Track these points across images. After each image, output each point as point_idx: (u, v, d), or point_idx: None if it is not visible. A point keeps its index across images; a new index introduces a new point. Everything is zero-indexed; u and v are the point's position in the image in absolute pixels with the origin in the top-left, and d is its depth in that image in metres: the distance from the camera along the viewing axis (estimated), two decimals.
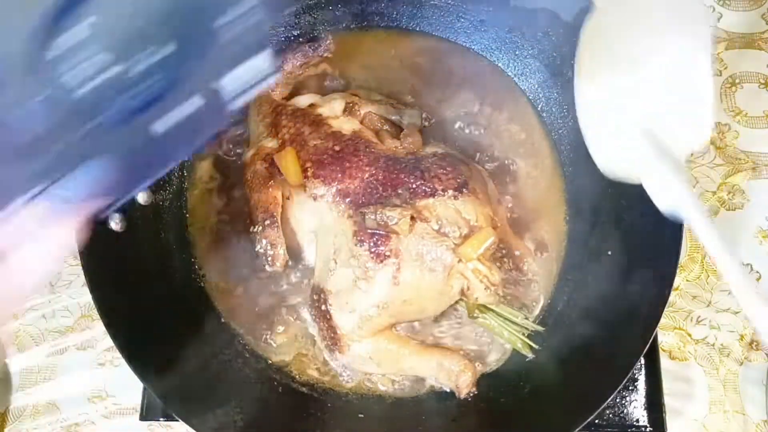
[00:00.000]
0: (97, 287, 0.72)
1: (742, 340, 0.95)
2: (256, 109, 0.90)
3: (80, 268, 0.96)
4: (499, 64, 0.98)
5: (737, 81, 1.07)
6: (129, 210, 0.80)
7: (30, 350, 0.92)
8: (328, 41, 0.92)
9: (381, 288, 0.75)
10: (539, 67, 0.94)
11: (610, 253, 0.83)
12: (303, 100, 0.89)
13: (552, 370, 0.80)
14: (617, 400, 0.86)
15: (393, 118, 0.89)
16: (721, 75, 1.08)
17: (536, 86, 0.95)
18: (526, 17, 0.92)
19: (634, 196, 0.82)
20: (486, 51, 0.98)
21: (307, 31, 0.97)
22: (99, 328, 0.93)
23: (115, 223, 0.78)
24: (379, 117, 0.88)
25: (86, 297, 0.96)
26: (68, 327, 0.94)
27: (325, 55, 0.93)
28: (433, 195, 0.78)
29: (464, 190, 0.78)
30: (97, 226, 0.48)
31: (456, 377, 0.80)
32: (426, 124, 0.93)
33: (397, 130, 0.89)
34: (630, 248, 0.81)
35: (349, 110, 0.87)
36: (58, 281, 0.95)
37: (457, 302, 0.82)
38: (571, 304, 0.85)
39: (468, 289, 0.77)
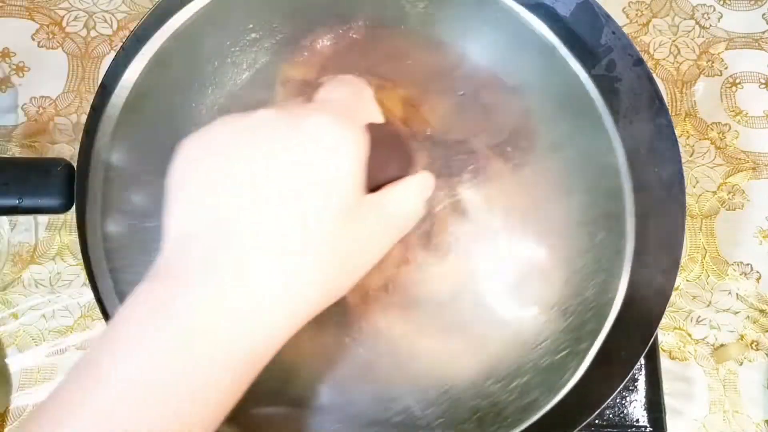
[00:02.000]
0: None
1: (742, 340, 0.95)
2: (282, 85, 0.91)
3: (80, 268, 0.95)
4: (498, 67, 0.98)
5: (737, 81, 1.07)
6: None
7: (30, 350, 0.93)
8: (359, 23, 0.93)
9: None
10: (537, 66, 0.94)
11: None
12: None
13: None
14: (617, 400, 0.86)
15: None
16: (721, 75, 1.08)
17: (534, 86, 0.96)
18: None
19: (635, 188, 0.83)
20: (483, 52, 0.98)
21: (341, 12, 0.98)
22: (99, 328, 0.93)
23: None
24: (402, 100, 0.89)
25: (86, 297, 0.96)
26: (68, 327, 0.94)
27: (355, 36, 0.94)
28: (448, 176, 0.78)
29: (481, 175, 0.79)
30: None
31: None
32: None
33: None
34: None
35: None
36: (58, 281, 0.95)
37: None
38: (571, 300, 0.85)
39: None
